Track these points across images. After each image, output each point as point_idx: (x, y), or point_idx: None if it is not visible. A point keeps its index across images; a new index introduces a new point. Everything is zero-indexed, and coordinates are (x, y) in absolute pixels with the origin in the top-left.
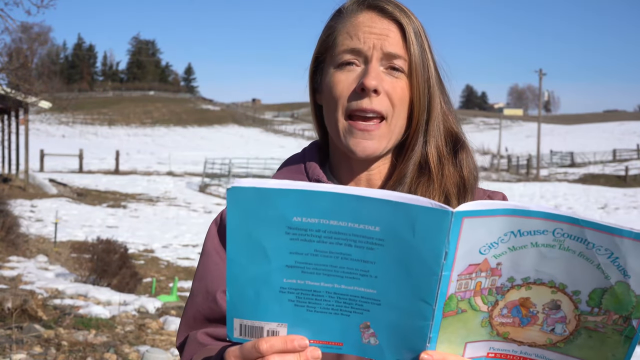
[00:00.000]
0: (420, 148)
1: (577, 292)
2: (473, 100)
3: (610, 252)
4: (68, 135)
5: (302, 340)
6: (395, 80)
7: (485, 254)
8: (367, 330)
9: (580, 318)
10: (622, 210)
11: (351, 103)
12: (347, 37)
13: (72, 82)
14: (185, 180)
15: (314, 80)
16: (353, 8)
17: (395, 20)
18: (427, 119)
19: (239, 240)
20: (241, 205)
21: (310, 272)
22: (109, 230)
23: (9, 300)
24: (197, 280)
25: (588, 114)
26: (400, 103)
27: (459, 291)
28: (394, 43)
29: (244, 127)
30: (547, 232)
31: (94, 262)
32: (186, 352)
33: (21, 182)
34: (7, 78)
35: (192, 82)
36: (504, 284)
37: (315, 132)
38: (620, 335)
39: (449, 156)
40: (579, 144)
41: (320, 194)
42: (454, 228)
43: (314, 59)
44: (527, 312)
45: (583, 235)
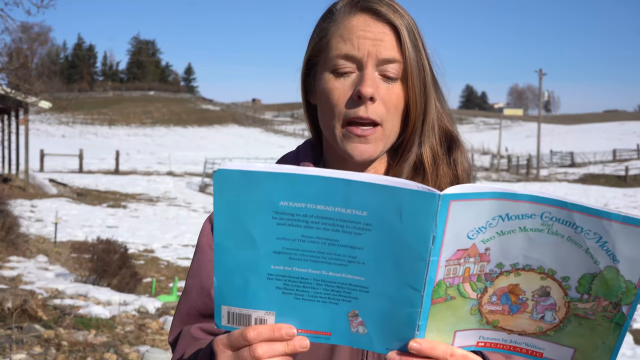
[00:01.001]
0: (416, 149)
1: (567, 278)
2: (473, 100)
3: (599, 236)
4: (68, 135)
5: (290, 329)
6: (390, 86)
7: (473, 239)
8: (355, 319)
9: (570, 305)
10: (622, 210)
11: (348, 111)
12: (340, 41)
13: (72, 82)
14: (185, 180)
15: (306, 81)
16: (345, 10)
17: (389, 23)
18: (423, 120)
19: (226, 225)
20: (228, 188)
21: (297, 258)
22: (109, 230)
23: (9, 300)
24: (191, 277)
25: (588, 114)
26: (395, 109)
27: (447, 277)
28: (388, 47)
29: (244, 127)
30: (535, 216)
31: (94, 262)
32: (179, 346)
33: (21, 182)
34: (7, 78)
35: (192, 82)
36: (492, 270)
37: (308, 130)
38: (610, 322)
39: (444, 156)
40: (579, 144)
41: (308, 177)
42: (442, 211)
43: (306, 61)
44: (517, 299)
45: (571, 219)
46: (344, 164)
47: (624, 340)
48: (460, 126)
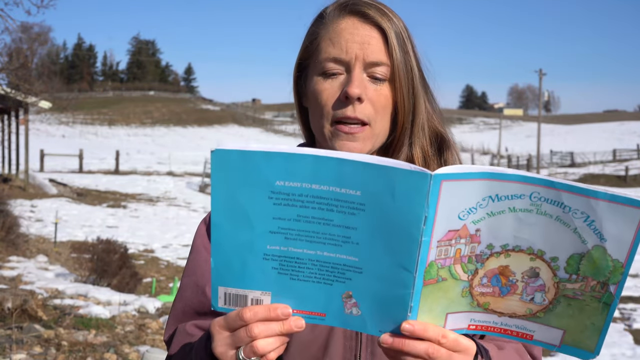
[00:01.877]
0: (406, 150)
1: (555, 259)
2: (473, 100)
3: (586, 215)
4: (68, 135)
5: (286, 309)
6: (378, 87)
7: (464, 220)
8: (349, 300)
9: (559, 286)
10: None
11: (336, 111)
12: (329, 44)
13: (72, 82)
14: (185, 180)
15: (298, 84)
16: (335, 14)
17: (377, 26)
18: (412, 121)
19: (223, 205)
20: (225, 168)
21: (293, 238)
22: (109, 230)
23: (9, 300)
24: (186, 276)
25: (588, 114)
26: (383, 109)
27: (439, 258)
28: (376, 50)
29: (244, 127)
30: (524, 196)
31: (94, 262)
32: (174, 343)
33: (21, 182)
34: (7, 78)
35: (192, 82)
36: (483, 251)
37: (302, 134)
38: (598, 302)
39: (434, 157)
40: (579, 144)
41: (303, 156)
42: (433, 191)
43: (297, 65)
44: (507, 280)
45: (560, 199)
46: None
47: (624, 340)
48: (460, 126)
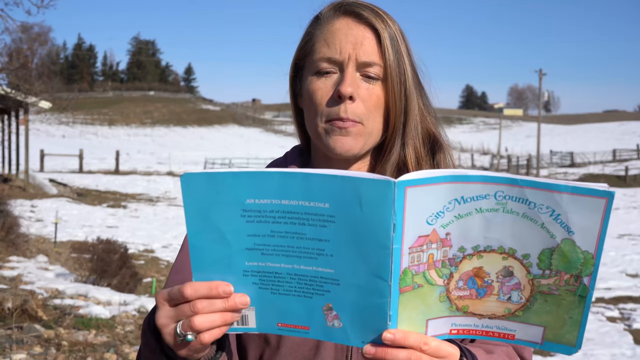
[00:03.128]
0: (398, 150)
1: (527, 256)
2: (473, 100)
3: (552, 210)
4: (68, 135)
5: (227, 287)
6: (371, 86)
7: (433, 225)
8: (330, 312)
9: (534, 282)
10: (622, 210)
11: (330, 110)
12: (324, 44)
13: (72, 82)
14: None
15: (294, 85)
16: (330, 14)
17: (370, 26)
18: (405, 121)
19: (198, 226)
20: (195, 191)
21: (269, 253)
22: (109, 230)
23: (9, 300)
24: (173, 273)
25: (588, 114)
26: (376, 108)
27: (412, 265)
28: (369, 50)
29: (244, 127)
30: (489, 196)
31: (94, 262)
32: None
33: (21, 182)
34: (7, 78)
35: (192, 82)
36: (455, 254)
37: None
38: (574, 295)
39: (427, 157)
40: (579, 144)
41: (269, 173)
42: (399, 198)
43: (293, 65)
44: (482, 282)
45: (524, 195)
46: (329, 164)
47: (624, 340)
48: (460, 126)
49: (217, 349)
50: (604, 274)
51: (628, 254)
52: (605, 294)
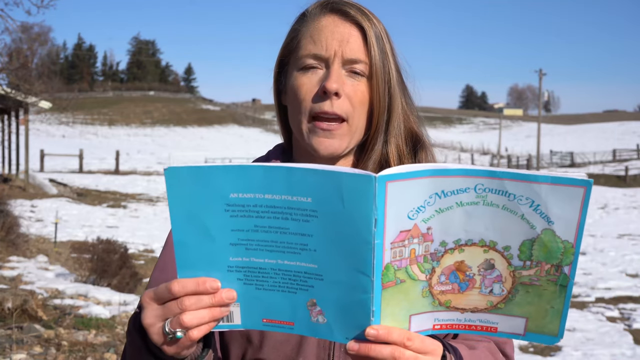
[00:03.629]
0: (381, 147)
1: (508, 248)
2: (473, 100)
3: (531, 201)
4: (68, 135)
5: (214, 282)
6: (356, 83)
7: (414, 219)
8: (314, 307)
9: (515, 274)
10: (622, 210)
11: (314, 105)
12: (310, 41)
13: (72, 82)
14: None
15: (278, 81)
16: (316, 12)
17: (356, 24)
18: (388, 119)
19: (182, 221)
20: (179, 185)
21: (253, 248)
22: (109, 230)
23: (9, 300)
24: (157, 271)
25: (588, 114)
26: (361, 105)
27: (394, 260)
28: (354, 48)
29: (244, 127)
30: (469, 189)
31: (94, 262)
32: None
33: (21, 182)
34: (7, 78)
35: (192, 82)
36: (437, 249)
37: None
38: (555, 285)
39: (409, 155)
40: (579, 144)
41: (253, 167)
42: (380, 193)
43: (278, 61)
44: (464, 276)
45: (503, 187)
46: (312, 162)
47: (624, 340)
48: (460, 126)
49: (203, 346)
50: (604, 274)
51: (628, 254)
52: (605, 294)
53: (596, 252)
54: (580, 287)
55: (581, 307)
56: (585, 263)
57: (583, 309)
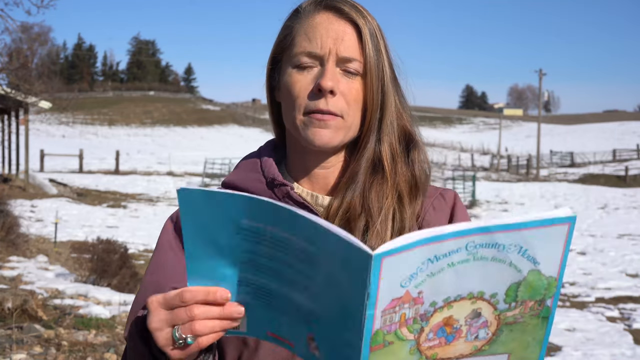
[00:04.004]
0: (373, 146)
1: (495, 295)
2: (473, 100)
3: (519, 247)
4: (68, 135)
5: (225, 293)
6: (350, 81)
7: (406, 287)
8: (312, 342)
9: (500, 317)
10: (622, 210)
11: (309, 103)
12: (304, 38)
13: (72, 82)
14: (186, 180)
15: (271, 78)
16: (310, 9)
17: (351, 21)
18: (381, 117)
19: (194, 236)
20: (192, 205)
21: (263, 272)
22: (109, 230)
23: (9, 300)
24: (149, 274)
25: (588, 114)
26: (355, 103)
27: (384, 326)
28: (349, 46)
29: (244, 127)
30: (460, 249)
31: (94, 262)
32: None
33: (21, 182)
34: (7, 78)
35: (192, 82)
36: (427, 309)
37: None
38: (537, 318)
39: (402, 154)
40: (579, 144)
41: (262, 201)
42: (375, 269)
43: (271, 58)
44: (452, 329)
45: (493, 240)
46: (305, 158)
47: (624, 340)
48: (460, 126)
49: (205, 350)
50: (604, 274)
51: (628, 254)
52: (605, 294)
53: (596, 252)
54: (580, 287)
55: (581, 307)
56: (585, 263)
57: (583, 309)
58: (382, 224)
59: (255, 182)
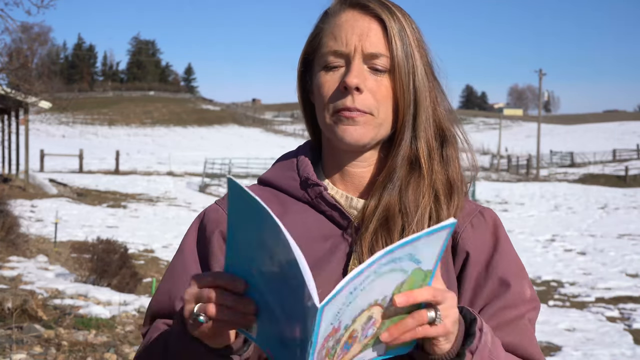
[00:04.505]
0: (409, 143)
1: (385, 297)
2: (473, 100)
3: (410, 255)
4: (68, 135)
5: (241, 286)
6: (379, 78)
7: (334, 324)
8: None
9: (385, 313)
10: (622, 210)
11: (336, 102)
12: (331, 38)
13: (72, 82)
14: (185, 180)
15: (303, 80)
16: (337, 8)
17: (377, 17)
18: (415, 114)
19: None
20: (235, 197)
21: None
22: (109, 230)
23: (9, 300)
24: (165, 279)
25: (588, 114)
26: (385, 100)
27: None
28: (375, 42)
29: (244, 127)
30: (370, 275)
31: (94, 262)
32: (146, 336)
33: (21, 182)
34: (7, 78)
35: (192, 82)
36: (341, 334)
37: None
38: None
39: (438, 151)
40: (579, 144)
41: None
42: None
43: (301, 60)
44: (352, 339)
45: (393, 257)
46: (338, 157)
47: (624, 340)
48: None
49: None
50: (604, 274)
51: (628, 254)
52: (605, 294)
53: (596, 252)
54: (580, 287)
55: (581, 307)
56: (585, 263)
57: (583, 309)
58: (419, 224)
59: (289, 180)
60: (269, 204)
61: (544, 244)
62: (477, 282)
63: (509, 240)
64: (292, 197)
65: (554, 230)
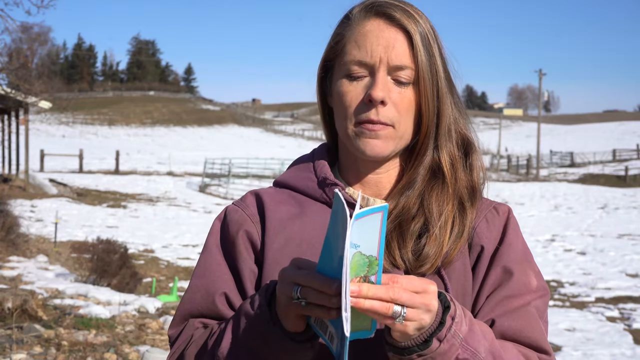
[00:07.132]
0: (431, 153)
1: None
2: (473, 100)
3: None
4: (68, 135)
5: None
6: (402, 90)
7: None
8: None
9: None
10: (621, 210)
11: (360, 113)
12: (355, 46)
13: (72, 82)
14: (185, 180)
15: (322, 84)
16: (360, 15)
17: (402, 28)
18: (437, 124)
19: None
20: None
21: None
22: (109, 230)
23: (9, 300)
24: (196, 277)
25: (588, 114)
26: (407, 112)
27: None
28: (400, 54)
29: (244, 127)
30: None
31: (94, 262)
32: (182, 335)
33: (21, 182)
34: (7, 78)
35: (192, 82)
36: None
37: (324, 134)
38: None
39: (461, 160)
40: (579, 144)
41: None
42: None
43: (322, 65)
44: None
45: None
46: (356, 165)
47: (624, 340)
48: None
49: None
50: (604, 274)
51: (628, 254)
52: (605, 294)
53: (596, 252)
54: (580, 287)
55: (581, 307)
56: (585, 263)
57: (583, 309)
58: (442, 229)
59: (306, 181)
60: (286, 205)
61: (544, 244)
62: (486, 272)
63: (518, 232)
64: (310, 197)
65: (554, 230)
